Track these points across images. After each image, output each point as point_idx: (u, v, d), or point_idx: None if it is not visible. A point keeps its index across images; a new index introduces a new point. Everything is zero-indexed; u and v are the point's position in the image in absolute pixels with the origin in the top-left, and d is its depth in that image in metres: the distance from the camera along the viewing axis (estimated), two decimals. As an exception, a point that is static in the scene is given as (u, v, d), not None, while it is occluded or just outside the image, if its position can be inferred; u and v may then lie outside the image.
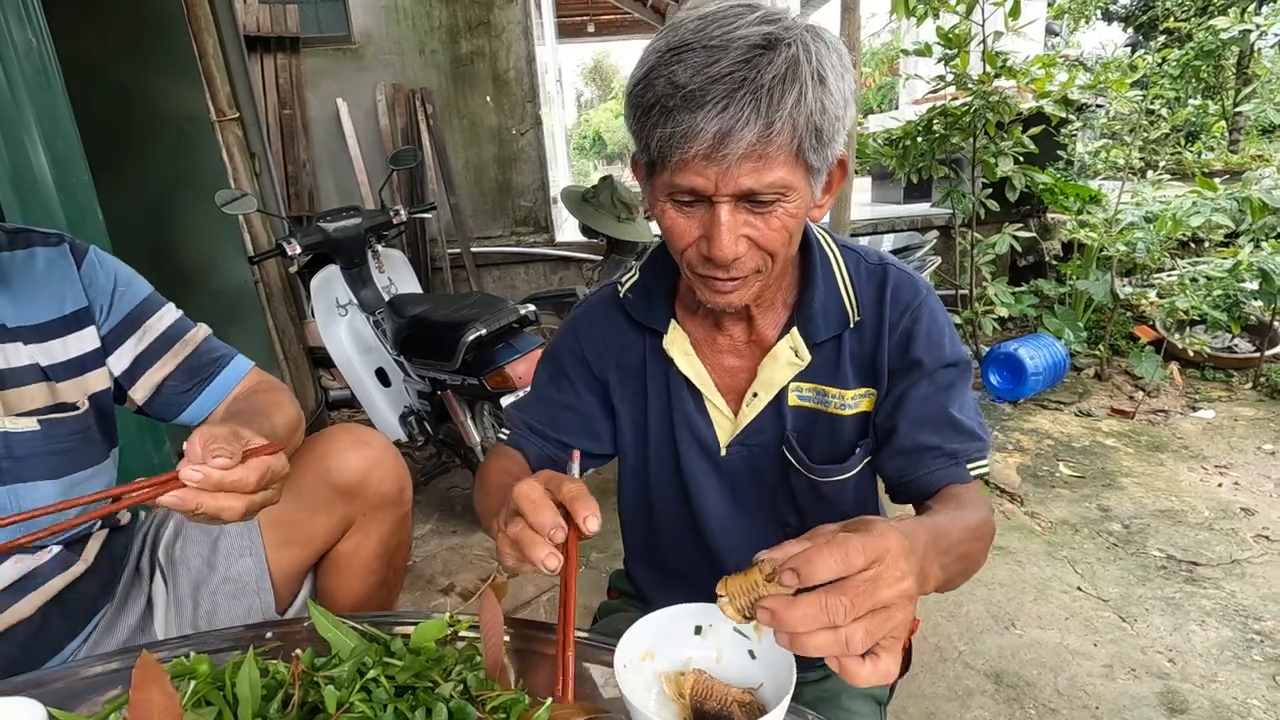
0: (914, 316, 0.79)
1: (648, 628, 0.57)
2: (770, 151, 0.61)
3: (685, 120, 0.61)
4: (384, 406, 2.70)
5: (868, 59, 14.94)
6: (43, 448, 0.83)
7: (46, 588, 0.86)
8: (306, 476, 0.98)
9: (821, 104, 0.62)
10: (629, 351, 0.87)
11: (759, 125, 0.60)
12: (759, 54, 0.60)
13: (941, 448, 0.76)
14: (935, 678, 1.72)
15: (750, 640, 0.57)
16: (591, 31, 17.75)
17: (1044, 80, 3.31)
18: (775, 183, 0.63)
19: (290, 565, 1.00)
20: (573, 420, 0.89)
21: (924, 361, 0.78)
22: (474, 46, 4.16)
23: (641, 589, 1.02)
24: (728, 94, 0.59)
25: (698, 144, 0.61)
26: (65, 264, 0.89)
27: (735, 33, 0.61)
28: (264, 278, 3.17)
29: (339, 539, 1.02)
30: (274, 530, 0.98)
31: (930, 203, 4.75)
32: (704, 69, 0.60)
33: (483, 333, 2.06)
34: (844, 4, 3.41)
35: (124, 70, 2.78)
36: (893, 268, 0.82)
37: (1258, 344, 3.41)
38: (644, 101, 0.64)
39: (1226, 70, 6.86)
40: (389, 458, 1.03)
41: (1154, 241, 3.34)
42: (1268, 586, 1.98)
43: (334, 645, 0.55)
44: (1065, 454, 2.85)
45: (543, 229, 4.49)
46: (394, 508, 1.04)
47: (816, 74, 0.62)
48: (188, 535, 1.00)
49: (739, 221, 0.66)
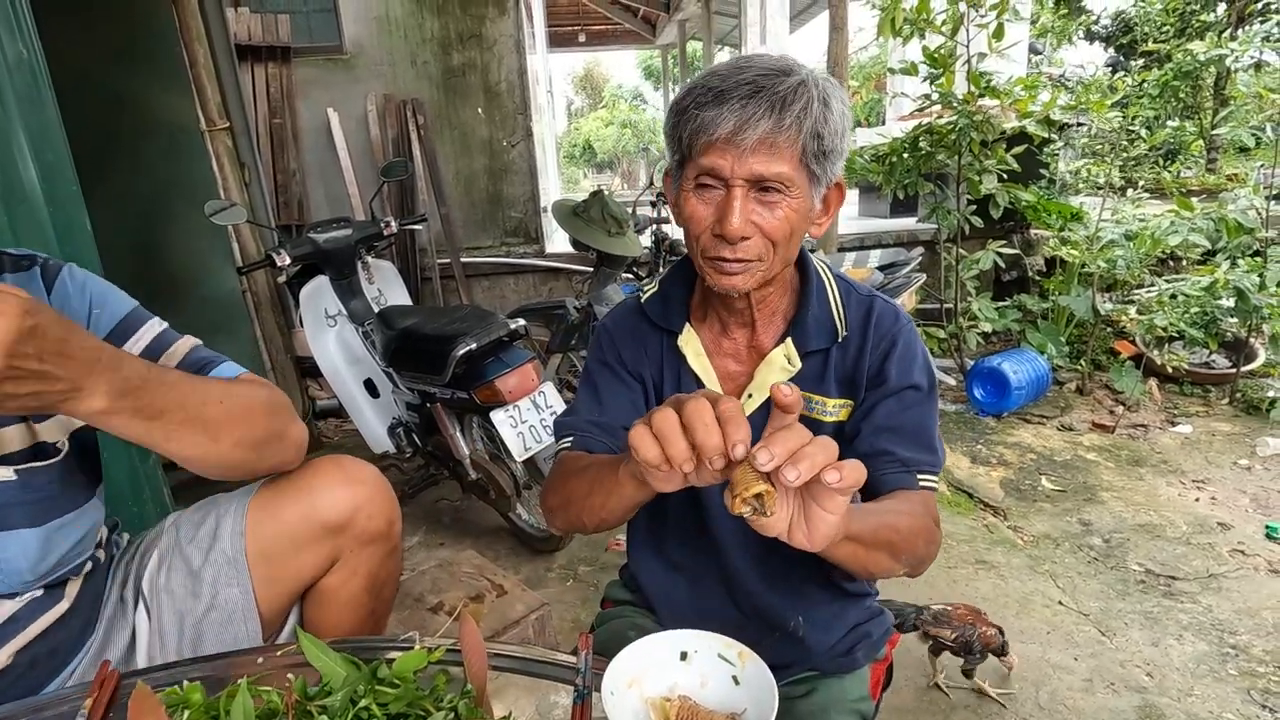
0: (892, 340, 0.89)
1: (634, 655, 0.58)
2: (779, 143, 0.75)
3: (712, 112, 0.75)
4: (372, 417, 2.69)
5: (855, 72, 15.12)
6: (19, 498, 0.80)
7: (25, 633, 0.83)
8: (292, 511, 0.96)
9: (824, 117, 0.76)
10: (650, 350, 0.97)
11: (771, 120, 0.74)
12: (776, 74, 0.76)
13: (895, 454, 0.85)
14: (919, 692, 1.74)
15: (734, 667, 0.58)
16: (582, 41, 17.86)
17: (1027, 101, 3.38)
18: (781, 174, 0.76)
19: (276, 597, 0.99)
20: (625, 404, 0.95)
21: (892, 380, 0.88)
22: (466, 58, 4.18)
23: (643, 585, 1.04)
24: (749, 95, 0.74)
25: (721, 129, 0.75)
26: (35, 289, 0.84)
27: (760, 62, 0.78)
28: (252, 287, 3.16)
29: (325, 573, 1.00)
30: (260, 565, 0.96)
31: (916, 218, 4.82)
32: (731, 78, 0.76)
33: (473, 347, 2.07)
34: (832, 23, 3.47)
35: (115, 79, 2.78)
36: (879, 299, 0.93)
37: (1233, 360, 3.48)
38: (682, 106, 0.79)
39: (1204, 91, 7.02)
40: (378, 493, 1.01)
41: (1134, 259, 3.41)
42: (1242, 601, 2.02)
43: (324, 674, 0.56)
44: (1047, 468, 2.89)
45: (533, 240, 4.51)
46: (382, 543, 1.02)
47: (821, 97, 0.77)
48: (172, 564, 0.98)
49: (749, 207, 0.78)
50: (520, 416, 2.11)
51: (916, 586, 2.13)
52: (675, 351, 0.94)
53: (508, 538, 2.52)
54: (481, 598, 1.28)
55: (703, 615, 0.96)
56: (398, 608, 1.25)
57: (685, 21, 14.74)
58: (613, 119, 30.38)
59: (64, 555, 0.86)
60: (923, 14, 3.27)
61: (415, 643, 0.68)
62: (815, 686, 0.96)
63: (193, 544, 0.98)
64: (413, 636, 0.68)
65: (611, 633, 0.98)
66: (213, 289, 3.05)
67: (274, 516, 0.97)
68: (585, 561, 2.36)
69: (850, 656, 0.96)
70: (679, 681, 0.59)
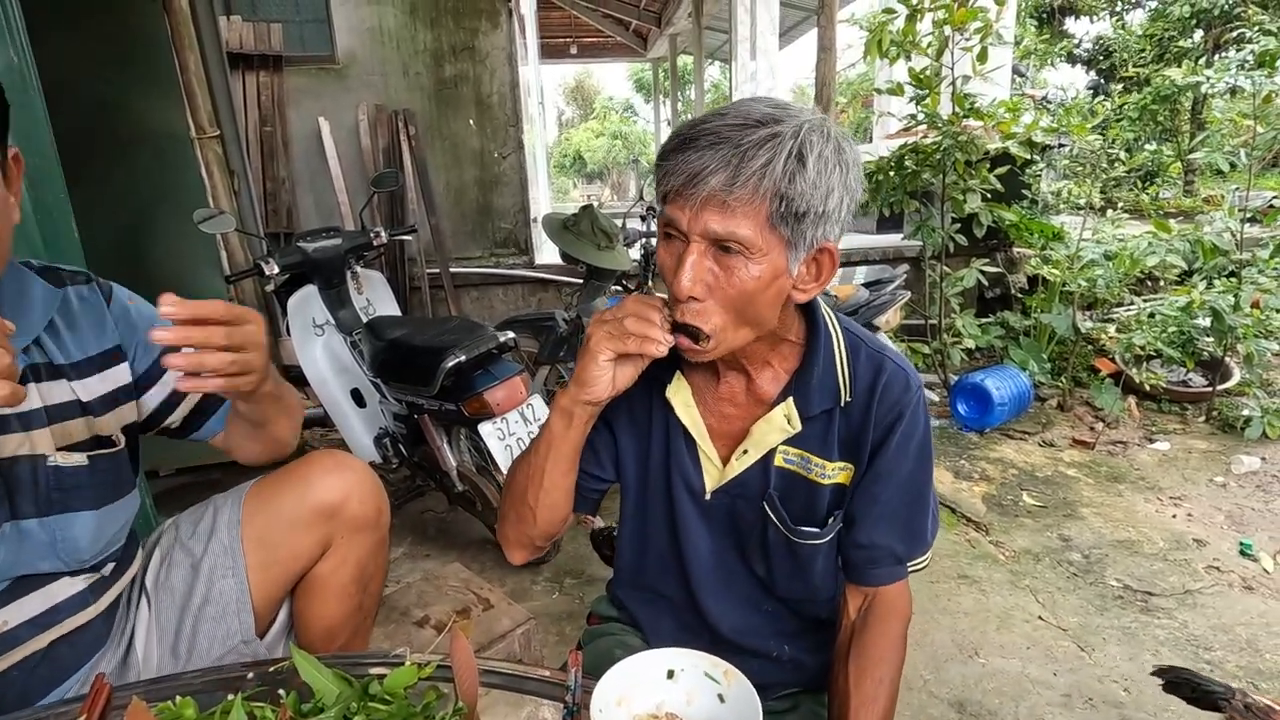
0: (898, 414, 0.84)
1: (622, 673, 0.59)
2: (732, 202, 0.69)
3: (673, 160, 0.71)
4: (358, 427, 2.69)
5: (843, 89, 15.33)
6: (88, 481, 0.87)
7: (63, 624, 0.88)
8: (288, 497, 1.01)
9: (791, 176, 0.69)
10: (637, 397, 0.92)
11: (724, 174, 0.68)
12: (751, 125, 0.69)
13: (892, 550, 0.87)
14: (901, 706, 1.76)
15: (719, 685, 0.60)
16: (574, 53, 18.00)
17: (1010, 122, 3.45)
18: (736, 234, 0.70)
19: (270, 587, 1.02)
20: (596, 456, 0.96)
21: (895, 458, 0.85)
22: (458, 70, 4.21)
23: (628, 607, 1.05)
24: (709, 145, 0.69)
25: (674, 180, 0.71)
26: (96, 301, 0.93)
27: (746, 108, 0.71)
28: (240, 296, 3.15)
29: (317, 561, 1.03)
30: (256, 551, 1.00)
31: (902, 235, 4.88)
32: (704, 124, 0.71)
33: (462, 359, 2.07)
34: (820, 44, 3.54)
35: (105, 86, 2.77)
36: (889, 361, 0.87)
37: (1210, 379, 3.55)
38: (663, 148, 0.75)
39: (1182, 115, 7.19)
40: (368, 481, 1.06)
41: (1113, 278, 3.48)
42: (1217, 617, 2.05)
43: (316, 689, 0.57)
44: (1029, 483, 2.93)
45: (522, 251, 4.52)
46: (371, 531, 1.06)
47: (795, 152, 0.69)
48: (173, 560, 1.01)
49: (704, 265, 0.73)
50: (508, 429, 2.11)
51: (900, 601, 2.15)
52: (664, 401, 0.90)
53: (493, 549, 2.52)
54: (468, 611, 1.29)
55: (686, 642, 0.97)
56: (383, 621, 1.25)
57: (676, 36, 14.90)
58: (603, 130, 30.55)
59: (112, 537, 0.92)
60: (908, 36, 3.33)
61: (405, 658, 0.68)
62: (798, 702, 0.97)
63: (193, 538, 1.03)
64: (403, 652, 0.68)
65: (599, 651, 0.99)
66: (200, 297, 3.01)
67: (270, 502, 1.02)
68: (571, 574, 2.37)
69: None
70: (666, 699, 0.60)
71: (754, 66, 8.51)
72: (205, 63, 2.95)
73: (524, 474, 0.89)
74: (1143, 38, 8.38)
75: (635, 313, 0.76)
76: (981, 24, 3.19)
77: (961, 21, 3.18)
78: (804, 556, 0.89)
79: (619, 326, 0.77)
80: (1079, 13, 10.13)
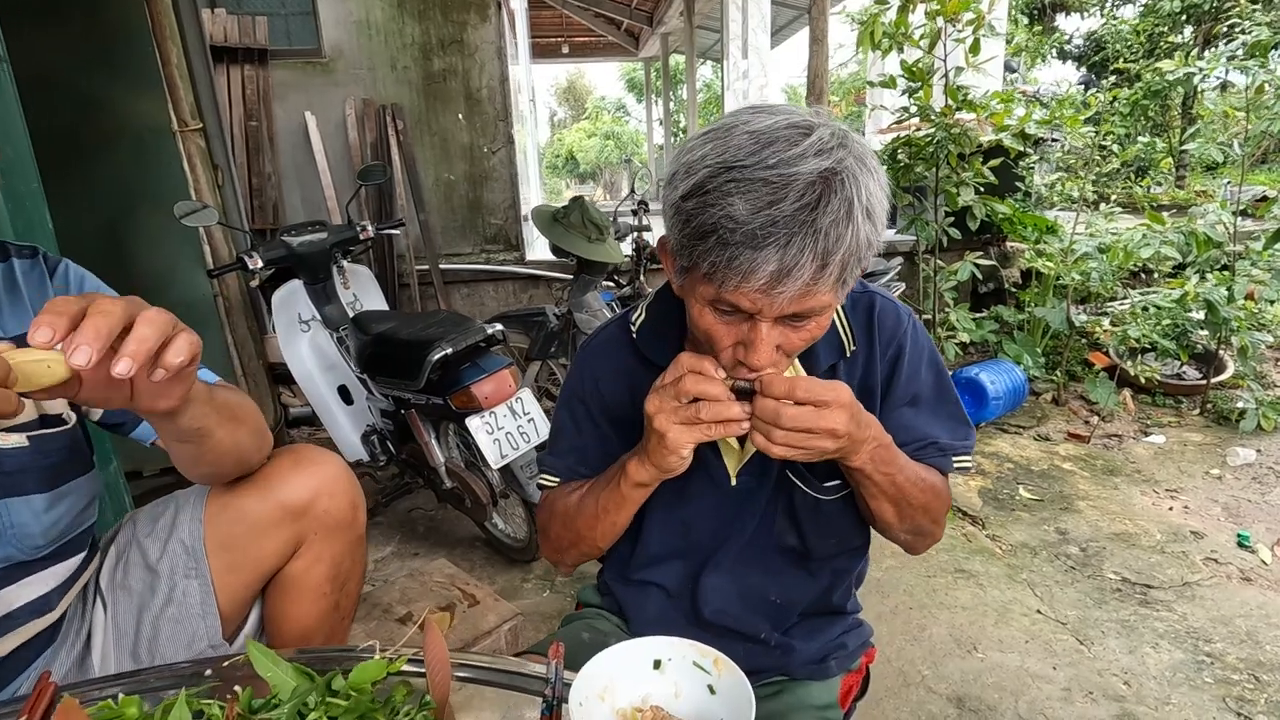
0: (899, 347, 0.86)
1: (604, 663, 0.55)
2: (818, 286, 0.65)
3: (746, 256, 0.63)
4: (346, 425, 2.64)
5: (835, 88, 15.34)
6: (32, 463, 0.83)
7: (19, 631, 0.84)
8: (251, 496, 0.95)
9: (868, 239, 0.66)
10: (639, 391, 0.88)
11: (815, 266, 0.63)
12: (818, 195, 0.62)
13: (935, 439, 0.87)
14: (899, 702, 1.73)
15: (710, 675, 0.56)
16: (566, 53, 17.95)
17: (1003, 114, 3.43)
18: (815, 306, 0.68)
19: (237, 590, 0.96)
20: (600, 457, 0.92)
21: (916, 385, 0.87)
22: (446, 64, 4.15)
23: (614, 591, 1.02)
24: (788, 236, 0.62)
25: (756, 280, 0.63)
26: (39, 275, 0.88)
27: (794, 167, 0.63)
28: (224, 291, 3.09)
29: (288, 560, 0.98)
30: (221, 552, 0.94)
31: (895, 229, 4.86)
32: (765, 209, 0.62)
33: (448, 352, 2.03)
34: (812, 35, 3.51)
35: (83, 77, 2.71)
36: (877, 295, 0.88)
37: (1204, 372, 3.54)
38: (698, 224, 0.65)
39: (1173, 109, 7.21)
40: (340, 476, 1.01)
41: (1107, 271, 3.46)
42: (1216, 609, 2.03)
43: (273, 684, 0.53)
44: (1025, 477, 2.91)
45: (513, 247, 4.48)
46: (346, 528, 1.01)
47: (866, 210, 0.65)
48: (129, 559, 0.96)
49: (777, 334, 0.69)
50: (497, 423, 2.07)
51: (895, 596, 2.12)
52: None
53: (483, 547, 2.47)
54: (452, 608, 1.24)
55: (675, 627, 0.94)
56: (365, 618, 1.20)
57: (668, 35, 14.88)
58: (596, 130, 30.51)
59: (71, 521, 0.88)
60: (901, 28, 3.31)
61: (376, 652, 0.64)
62: (782, 689, 0.94)
63: (150, 537, 0.97)
64: (373, 646, 0.64)
65: (568, 636, 0.95)
66: (183, 293, 2.98)
67: (233, 504, 0.96)
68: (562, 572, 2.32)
69: (823, 665, 0.94)
70: (652, 691, 0.56)
71: (746, 65, 8.50)
72: (187, 55, 2.89)
73: (589, 524, 0.87)
74: (1133, 31, 8.40)
75: (704, 394, 0.69)
76: (974, 15, 3.17)
77: (954, 12, 3.16)
78: (832, 514, 0.89)
79: (689, 413, 0.70)
80: (1070, 9, 10.16)
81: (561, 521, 0.91)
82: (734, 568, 0.92)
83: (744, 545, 0.91)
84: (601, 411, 0.93)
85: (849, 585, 1.00)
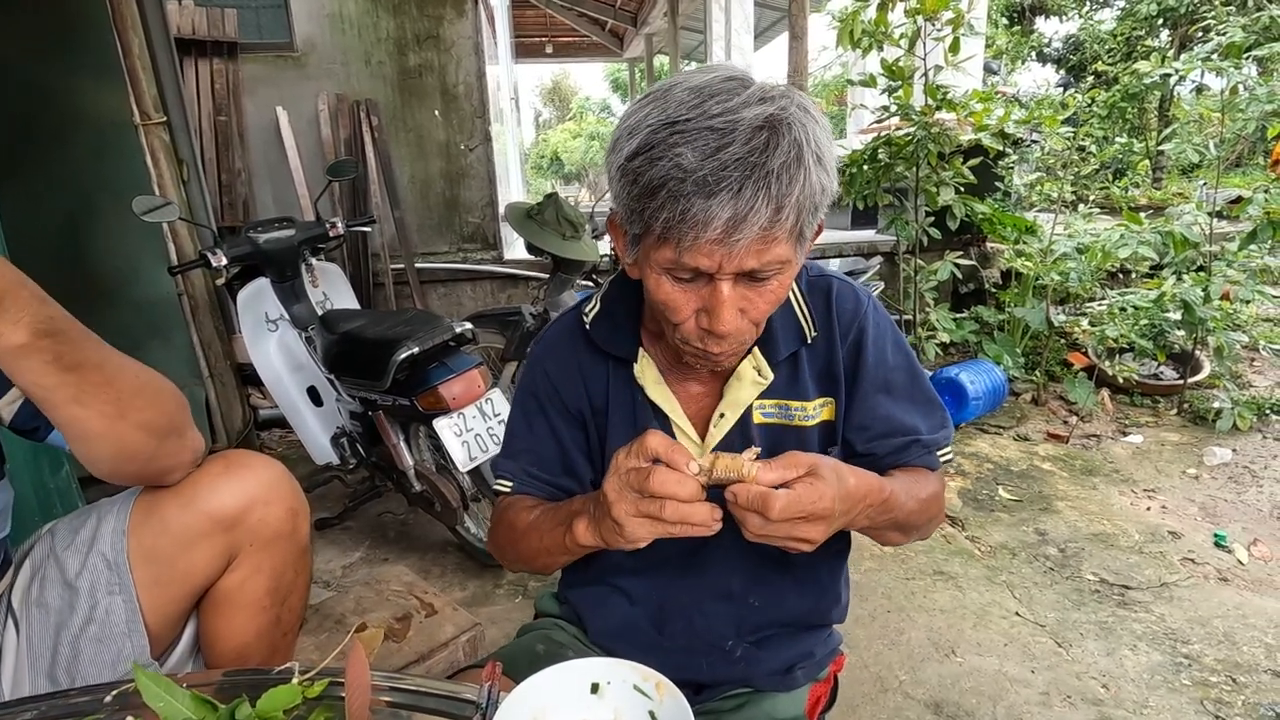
0: (860, 329, 0.84)
1: (536, 687, 0.50)
2: (775, 233, 0.63)
3: (699, 206, 0.61)
4: (315, 427, 2.56)
5: (818, 90, 15.40)
6: None
7: None
8: (173, 506, 0.88)
9: (821, 184, 0.65)
10: (593, 383, 0.87)
11: (769, 210, 0.61)
12: (765, 138, 0.61)
13: (916, 431, 0.84)
14: (876, 708, 1.69)
15: (651, 700, 0.51)
16: (549, 53, 17.87)
17: (982, 114, 3.43)
18: (774, 259, 0.66)
19: (166, 606, 0.89)
20: (554, 456, 0.89)
21: (883, 370, 0.84)
22: (422, 59, 4.08)
23: (572, 600, 0.97)
24: (740, 181, 0.60)
25: (711, 229, 0.61)
26: None
27: (738, 114, 0.61)
28: (189, 290, 3.00)
29: (222, 573, 0.91)
30: (145, 566, 0.87)
31: (876, 229, 4.85)
32: (714, 154, 0.60)
33: (415, 351, 1.97)
34: (791, 33, 3.48)
35: (38, 68, 2.62)
36: (834, 279, 0.86)
37: (1181, 372, 3.55)
38: (646, 180, 0.63)
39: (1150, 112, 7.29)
40: (276, 483, 0.93)
41: (1085, 272, 3.46)
42: (1194, 610, 2.02)
43: (163, 715, 0.47)
44: (1004, 478, 2.89)
45: (490, 246, 4.41)
46: (286, 540, 0.94)
47: (815, 155, 0.64)
48: (45, 575, 0.88)
49: (738, 296, 0.68)
50: (465, 424, 2.01)
51: (873, 600, 2.08)
52: (627, 380, 0.85)
53: (455, 552, 2.41)
54: (408, 618, 1.19)
55: (636, 634, 0.89)
56: (315, 630, 1.14)
57: (652, 36, 14.85)
58: (580, 131, 30.41)
59: None
60: (880, 27, 3.29)
61: (295, 675, 0.59)
62: (746, 701, 0.89)
63: (69, 549, 0.88)
64: (291, 668, 0.59)
65: (520, 649, 0.90)
66: (146, 292, 2.89)
67: (156, 512, 0.88)
68: (536, 577, 2.27)
69: (789, 676, 0.90)
70: (589, 718, 0.52)
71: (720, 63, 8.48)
72: (151, 46, 2.81)
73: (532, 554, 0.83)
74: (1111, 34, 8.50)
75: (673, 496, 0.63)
76: (953, 14, 3.15)
77: (933, 11, 3.14)
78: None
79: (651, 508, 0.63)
80: (1049, 12, 10.26)
81: (508, 538, 0.86)
82: (705, 572, 0.88)
83: (715, 549, 0.86)
84: (555, 407, 0.89)
85: (838, 593, 0.95)
